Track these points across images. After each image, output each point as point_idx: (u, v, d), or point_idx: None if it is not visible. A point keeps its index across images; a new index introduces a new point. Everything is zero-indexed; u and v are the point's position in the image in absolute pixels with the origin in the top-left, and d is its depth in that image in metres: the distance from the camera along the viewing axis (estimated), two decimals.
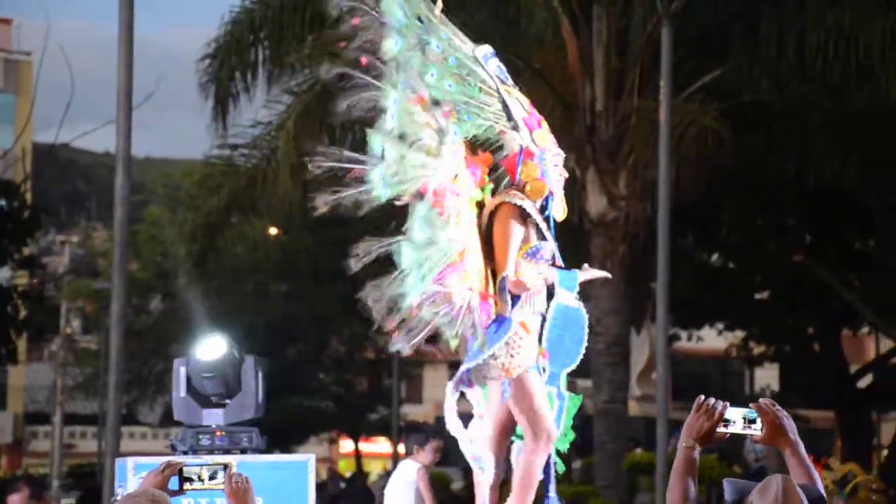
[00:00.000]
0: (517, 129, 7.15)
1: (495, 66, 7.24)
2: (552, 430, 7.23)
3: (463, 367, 7.21)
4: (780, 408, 4.46)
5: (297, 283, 33.08)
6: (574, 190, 16.77)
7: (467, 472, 22.79)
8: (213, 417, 7.19)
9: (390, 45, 6.97)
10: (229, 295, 31.85)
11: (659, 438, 14.85)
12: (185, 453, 7.11)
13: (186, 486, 4.81)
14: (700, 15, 17.54)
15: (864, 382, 28.49)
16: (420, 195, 6.78)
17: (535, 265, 7.12)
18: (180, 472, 4.82)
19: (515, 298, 7.10)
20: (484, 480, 7.32)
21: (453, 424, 7.33)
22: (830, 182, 19.27)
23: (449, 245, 6.83)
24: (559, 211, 7.28)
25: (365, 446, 39.47)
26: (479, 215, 7.14)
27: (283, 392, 30.41)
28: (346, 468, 37.50)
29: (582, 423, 7.85)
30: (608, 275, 7.78)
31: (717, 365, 42.00)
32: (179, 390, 7.22)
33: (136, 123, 13.36)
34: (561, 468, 7.39)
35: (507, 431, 7.37)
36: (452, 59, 7.06)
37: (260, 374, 7.32)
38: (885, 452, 26.98)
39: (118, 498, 7.02)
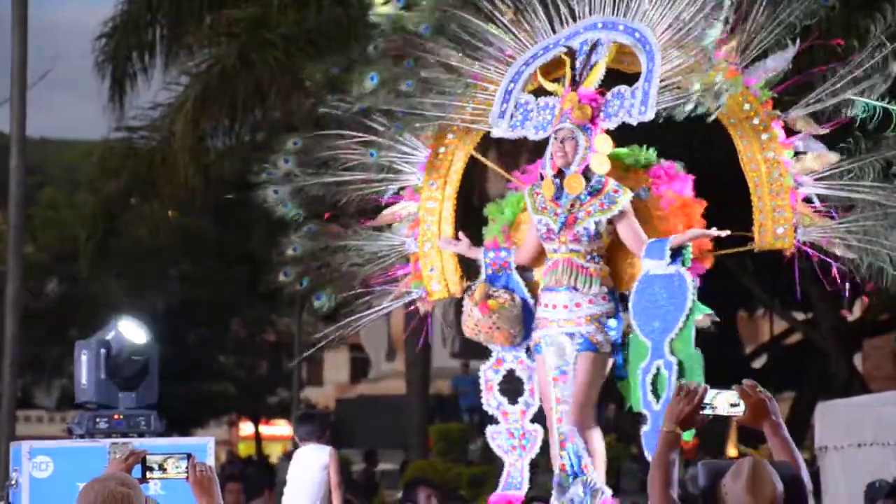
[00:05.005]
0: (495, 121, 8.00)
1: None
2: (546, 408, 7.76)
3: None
4: (762, 389, 4.46)
5: (198, 266, 32.81)
6: (476, 171, 16.86)
7: (367, 456, 22.81)
8: (127, 400, 7.15)
9: None
10: (129, 278, 31.51)
11: None
12: (82, 436, 7.05)
13: (149, 474, 4.80)
14: None
15: (758, 363, 28.95)
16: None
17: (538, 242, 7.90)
18: (143, 460, 4.82)
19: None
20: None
21: (491, 403, 7.96)
22: (726, 165, 19.49)
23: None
24: (570, 180, 7.73)
25: (265, 429, 39.31)
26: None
27: (183, 375, 30.14)
28: (246, 451, 37.33)
29: (481, 404, 8.06)
30: (718, 233, 7.75)
31: None
32: (92, 372, 7.13)
33: (30, 103, 13.19)
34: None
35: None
36: (408, 62, 8.08)
37: (157, 358, 7.31)
38: None
39: (13, 482, 6.96)
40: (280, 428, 40.01)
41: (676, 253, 7.61)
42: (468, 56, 8.09)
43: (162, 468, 4.80)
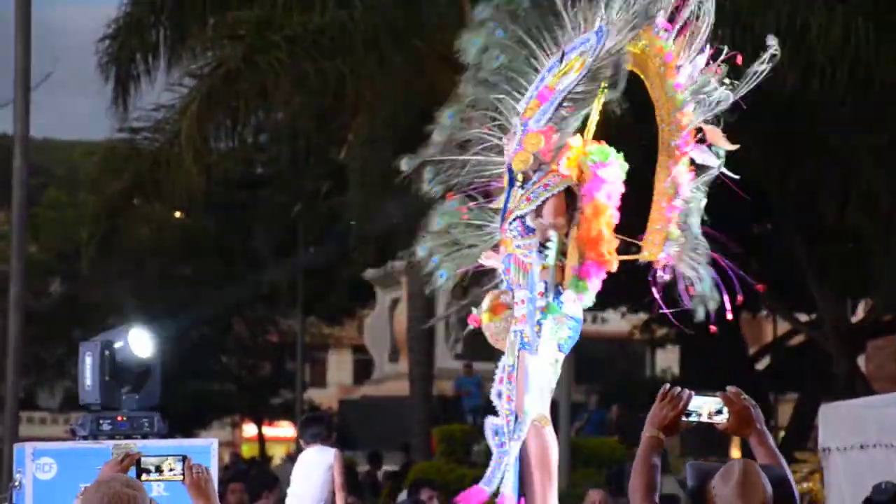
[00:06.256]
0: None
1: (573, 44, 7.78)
2: None
3: None
4: (747, 397, 4.40)
5: (200, 266, 32.83)
6: None
7: (372, 458, 22.80)
8: (129, 402, 7.13)
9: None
10: (132, 278, 31.54)
11: (561, 421, 14.99)
12: (86, 438, 7.04)
13: (144, 476, 4.79)
14: None
15: (762, 364, 28.93)
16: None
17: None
18: (138, 462, 4.81)
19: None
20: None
21: (494, 394, 7.72)
22: (729, 165, 19.45)
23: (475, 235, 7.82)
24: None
25: (268, 430, 39.31)
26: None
27: (185, 376, 30.14)
28: (250, 452, 37.31)
29: (485, 405, 7.99)
30: (555, 231, 7.59)
31: (621, 347, 42.38)
32: (96, 374, 7.10)
33: (34, 104, 13.19)
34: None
35: None
36: (500, 31, 7.81)
37: (159, 360, 7.29)
38: (782, 434, 27.44)
39: (17, 483, 6.95)
40: (283, 429, 40.02)
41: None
42: (540, 39, 7.94)
43: (158, 470, 4.79)
